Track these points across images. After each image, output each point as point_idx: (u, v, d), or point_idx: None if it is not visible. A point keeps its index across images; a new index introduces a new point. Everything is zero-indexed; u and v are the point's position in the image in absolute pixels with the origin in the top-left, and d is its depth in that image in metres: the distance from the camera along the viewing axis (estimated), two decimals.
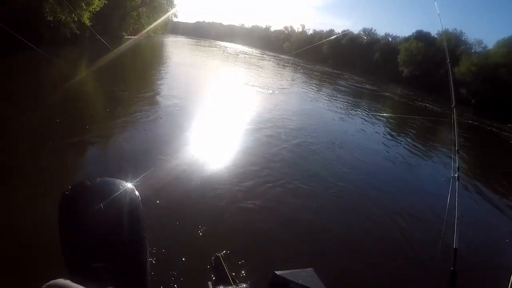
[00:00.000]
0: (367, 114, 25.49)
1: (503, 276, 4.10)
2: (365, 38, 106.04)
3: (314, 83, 42.39)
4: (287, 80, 39.64)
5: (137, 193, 1.58)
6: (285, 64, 66.72)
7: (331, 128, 17.90)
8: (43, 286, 1.03)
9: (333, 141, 15.02)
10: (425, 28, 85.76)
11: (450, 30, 75.90)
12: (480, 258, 7.89)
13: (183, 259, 5.64)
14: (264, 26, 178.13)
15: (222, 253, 2.73)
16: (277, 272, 2.44)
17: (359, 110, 26.88)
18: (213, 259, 2.77)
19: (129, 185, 1.58)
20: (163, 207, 6.97)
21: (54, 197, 1.58)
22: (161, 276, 5.16)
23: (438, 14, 7.12)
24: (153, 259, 5.31)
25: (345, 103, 29.33)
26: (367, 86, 52.68)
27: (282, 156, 11.71)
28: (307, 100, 26.97)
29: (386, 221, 8.69)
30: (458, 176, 4.18)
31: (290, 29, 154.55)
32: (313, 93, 32.21)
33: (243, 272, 5.51)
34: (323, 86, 41.09)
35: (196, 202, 7.54)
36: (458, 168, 4.27)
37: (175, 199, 7.46)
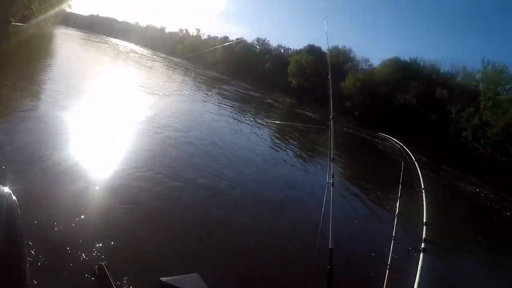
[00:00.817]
0: (251, 119, 26.63)
1: (379, 272, 4.55)
2: (258, 47, 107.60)
3: (203, 88, 42.88)
4: (176, 83, 39.52)
5: (14, 198, 1.53)
6: (176, 67, 66.09)
7: (214, 131, 18.41)
8: None
9: (214, 143, 15.51)
10: (317, 43, 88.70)
11: (340, 46, 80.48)
12: (354, 256, 8.59)
13: (66, 268, 5.41)
14: (159, 26, 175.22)
15: (105, 262, 2.74)
16: (162, 279, 2.65)
17: (245, 115, 28.03)
18: (96, 268, 2.76)
19: (5, 189, 1.54)
20: (42, 213, 6.51)
21: None
22: (43, 286, 4.88)
23: (326, 32, 7.71)
24: (34, 268, 5.03)
25: (232, 108, 30.41)
26: (255, 94, 54.02)
27: (166, 156, 11.82)
28: (194, 103, 27.47)
29: (267, 224, 9.17)
30: (332, 182, 4.64)
31: (185, 32, 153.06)
32: (201, 97, 32.68)
33: (128, 279, 5.39)
34: (211, 91, 41.70)
35: (77, 206, 7.24)
36: (332, 175, 4.73)
37: (55, 203, 7.13)
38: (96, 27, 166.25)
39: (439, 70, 63.46)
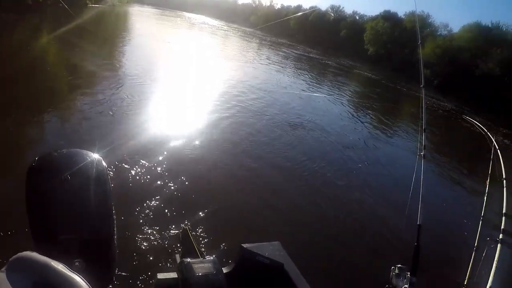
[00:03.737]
0: (330, 88, 26.46)
1: (465, 251, 4.25)
2: (332, 15, 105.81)
3: (279, 56, 43.01)
4: (253, 52, 40.85)
5: (104, 164, 1.58)
6: (248, 36, 67.58)
7: (293, 100, 18.47)
8: (10, 259, 0.99)
9: (301, 117, 15.30)
10: (393, 8, 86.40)
11: (418, 11, 76.83)
12: (442, 234, 8.19)
13: (151, 231, 5.63)
14: None
15: (189, 226, 2.73)
16: (244, 245, 2.55)
17: (324, 84, 27.91)
18: (180, 232, 2.76)
19: (96, 155, 1.57)
20: (130, 179, 7.02)
21: (19, 171, 1.72)
22: (129, 248, 5.12)
23: None
24: (121, 231, 5.20)
25: (311, 76, 30.66)
26: (331, 63, 52.79)
27: (253, 127, 11.99)
28: (271, 70, 27.84)
29: (352, 197, 9.00)
30: (424, 154, 4.31)
31: (257, 2, 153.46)
32: (277, 64, 33.31)
33: (210, 244, 5.51)
34: (287, 59, 42.24)
35: (163, 174, 7.53)
36: (424, 146, 4.40)
37: (142, 170, 7.45)
38: (169, 3, 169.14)
39: None
